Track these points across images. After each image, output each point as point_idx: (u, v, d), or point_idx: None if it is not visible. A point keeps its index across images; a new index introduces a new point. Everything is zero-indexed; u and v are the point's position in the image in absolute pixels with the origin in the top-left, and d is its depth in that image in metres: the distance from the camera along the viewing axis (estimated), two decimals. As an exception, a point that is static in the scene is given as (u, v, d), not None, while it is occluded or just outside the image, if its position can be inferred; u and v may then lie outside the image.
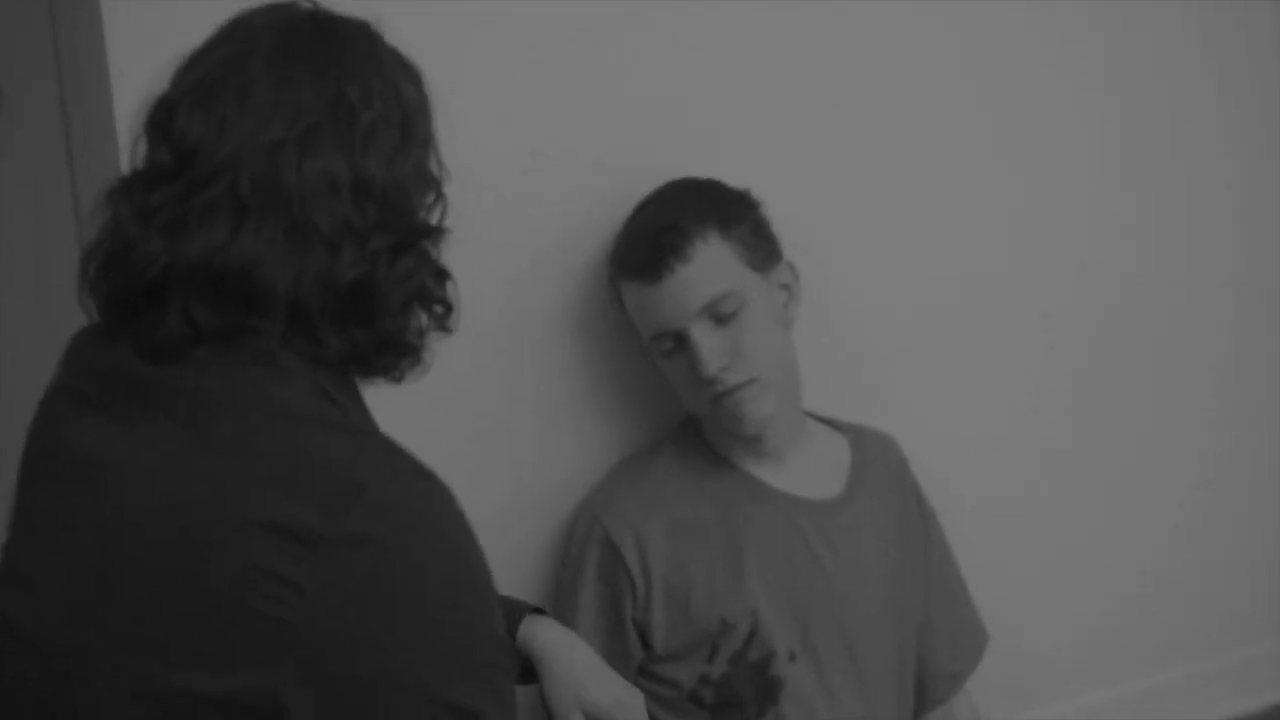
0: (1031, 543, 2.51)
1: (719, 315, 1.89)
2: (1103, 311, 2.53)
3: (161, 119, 1.26)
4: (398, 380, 1.33)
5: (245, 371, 1.21)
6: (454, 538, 1.19)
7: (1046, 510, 2.52)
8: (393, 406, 1.36)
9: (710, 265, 1.90)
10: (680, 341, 1.91)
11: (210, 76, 1.25)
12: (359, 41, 1.31)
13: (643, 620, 1.95)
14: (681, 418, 2.07)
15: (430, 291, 1.30)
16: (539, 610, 1.65)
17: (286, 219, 1.21)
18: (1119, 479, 2.59)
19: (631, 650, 1.96)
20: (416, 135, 1.31)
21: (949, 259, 2.36)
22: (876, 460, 2.11)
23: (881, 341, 2.33)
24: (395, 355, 1.29)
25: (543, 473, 2.08)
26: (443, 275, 1.32)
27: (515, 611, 1.61)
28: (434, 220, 1.32)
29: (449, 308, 1.32)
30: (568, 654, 1.59)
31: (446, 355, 1.36)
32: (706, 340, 1.89)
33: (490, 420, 2.02)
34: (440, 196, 1.33)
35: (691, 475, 2.01)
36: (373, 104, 1.26)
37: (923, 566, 2.12)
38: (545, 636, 1.60)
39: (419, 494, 1.18)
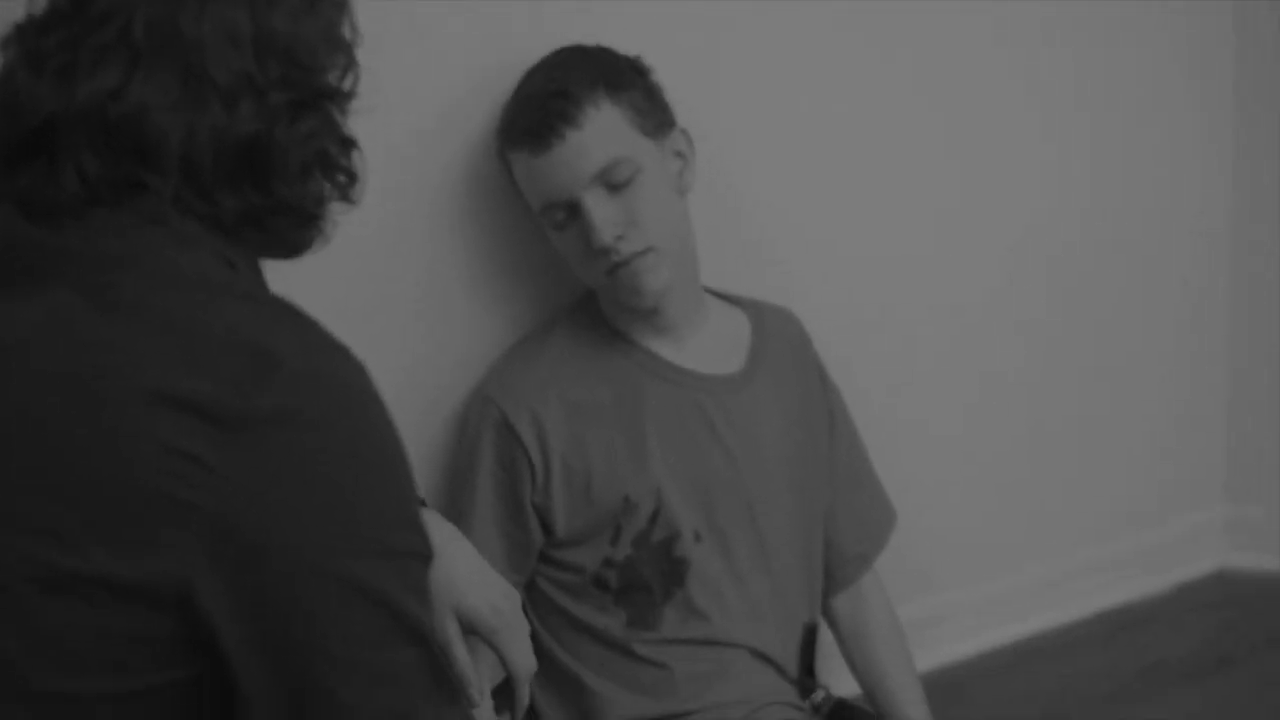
0: (939, 419, 2.50)
1: (612, 183, 1.83)
2: (1035, 201, 2.51)
3: None
4: (295, 252, 1.27)
5: (143, 234, 1.14)
6: (372, 416, 1.13)
7: (956, 385, 2.50)
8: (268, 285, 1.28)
9: (601, 131, 1.83)
10: (572, 212, 1.85)
11: None
12: None
13: (543, 503, 1.90)
14: (576, 294, 2.02)
15: (332, 158, 1.23)
16: (420, 502, 1.58)
17: (181, 68, 1.15)
18: (1035, 347, 2.58)
19: (532, 535, 1.92)
20: None
21: (853, 128, 2.32)
22: (776, 335, 2.06)
23: (781, 214, 2.28)
24: (292, 222, 1.23)
25: (434, 356, 2.02)
26: (348, 143, 1.25)
27: None
28: (345, 86, 1.25)
29: (353, 177, 1.25)
30: (446, 553, 1.47)
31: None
32: (600, 209, 1.83)
33: (377, 301, 1.95)
34: (352, 62, 1.26)
35: (588, 353, 1.96)
36: None
37: (827, 445, 2.08)
38: None
39: (337, 368, 1.12)
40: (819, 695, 2.01)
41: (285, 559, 1.08)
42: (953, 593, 2.59)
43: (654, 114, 1.90)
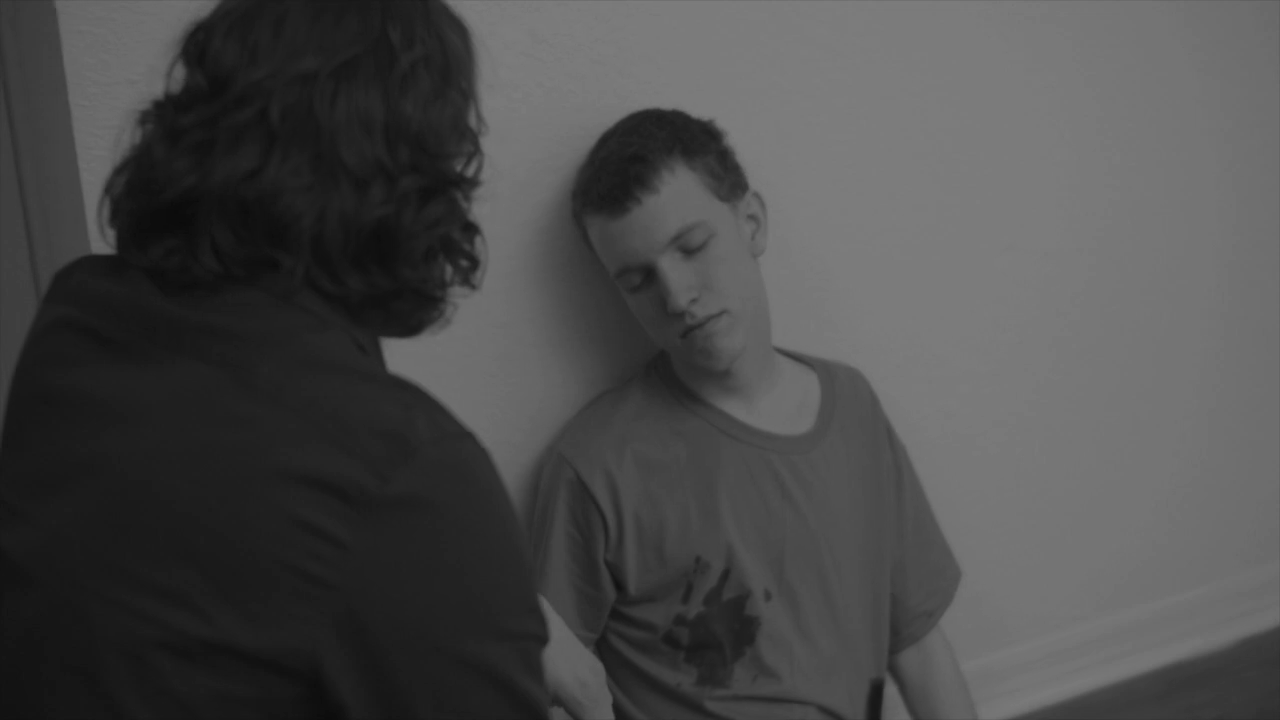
0: (1004, 477, 2.51)
1: (687, 247, 1.86)
2: (1082, 244, 2.52)
3: (197, 43, 1.24)
4: (415, 332, 1.30)
5: (280, 315, 1.18)
6: (497, 503, 1.17)
7: (1020, 444, 2.52)
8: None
9: (677, 196, 1.87)
10: (648, 275, 1.88)
11: (247, 4, 1.23)
12: None
13: (615, 561, 1.93)
14: (650, 355, 2.05)
15: (456, 243, 1.26)
16: None
17: (314, 151, 1.18)
18: (1098, 412, 2.59)
19: (605, 593, 1.94)
20: (457, 84, 1.27)
21: (916, 191, 2.34)
22: (846, 395, 2.09)
23: (849, 275, 2.31)
24: (415, 304, 1.26)
25: (509, 415, 2.05)
26: (471, 229, 1.28)
27: None
28: (468, 172, 1.29)
29: (475, 262, 1.29)
30: None
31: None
32: (675, 273, 1.86)
33: (454, 361, 1.98)
34: (476, 151, 1.30)
35: (661, 412, 1.98)
36: (414, 46, 1.23)
37: (895, 503, 2.10)
38: None
39: (466, 456, 1.15)
40: None
41: (412, 638, 1.12)
42: (1013, 648, 2.59)
43: (727, 177, 1.93)
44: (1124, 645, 2.68)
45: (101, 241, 1.26)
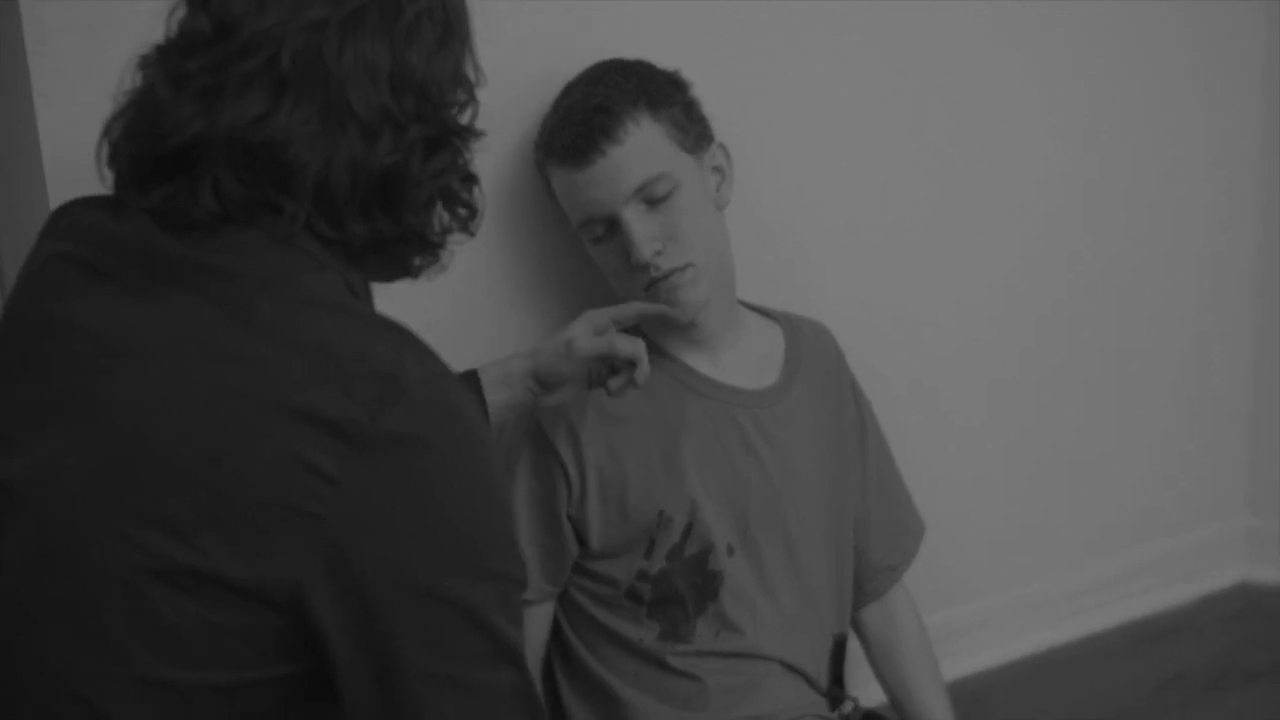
0: (968, 434, 2.51)
1: (651, 198, 1.85)
2: (1064, 210, 2.52)
3: None
4: (414, 275, 1.35)
5: (278, 256, 1.20)
6: (482, 444, 1.21)
7: (985, 403, 2.52)
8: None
9: (642, 147, 1.85)
10: (612, 227, 1.87)
11: None
12: None
13: (578, 516, 1.92)
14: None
15: (456, 192, 1.31)
16: None
17: (324, 99, 1.21)
18: (1055, 358, 2.60)
19: (567, 547, 1.93)
20: (457, 34, 1.31)
21: (892, 149, 2.33)
22: (811, 349, 2.07)
23: (817, 230, 2.30)
24: (415, 249, 1.30)
25: (469, 366, 2.01)
26: (471, 179, 1.33)
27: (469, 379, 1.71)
28: (466, 122, 1.33)
29: (474, 211, 1.34)
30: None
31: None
32: (639, 224, 1.84)
33: (410, 311, 1.93)
34: (472, 99, 1.34)
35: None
36: None
37: (859, 458, 2.09)
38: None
39: (454, 397, 1.19)
40: (848, 706, 2.02)
41: (395, 573, 1.15)
42: (976, 603, 2.60)
43: (693, 129, 1.91)
44: (1087, 601, 2.69)
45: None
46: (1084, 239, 2.58)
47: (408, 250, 1.30)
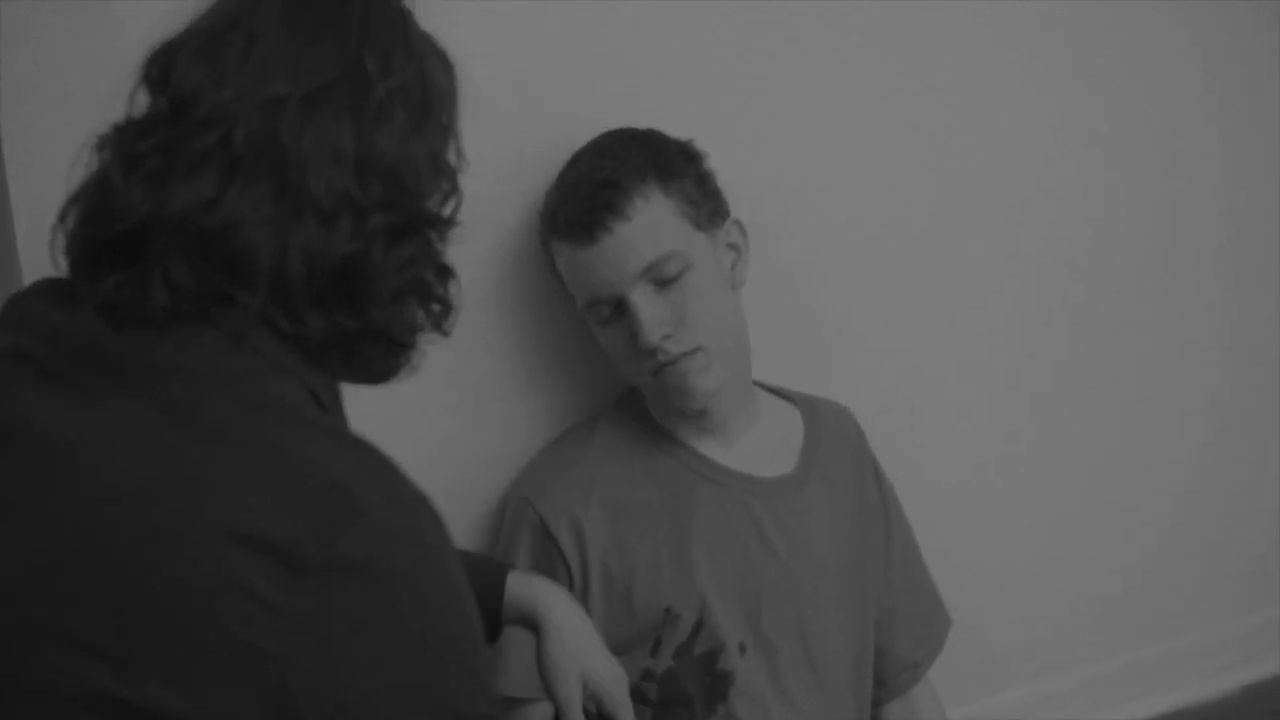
0: (996, 520, 2.43)
1: (661, 279, 1.77)
2: (1076, 277, 2.43)
3: (161, 65, 1.19)
4: (380, 380, 1.26)
5: (232, 356, 1.13)
6: (449, 573, 1.12)
7: (1013, 487, 2.44)
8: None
9: (651, 224, 1.77)
10: (618, 308, 1.79)
11: (218, 25, 1.19)
12: (387, 12, 1.24)
13: (580, 612, 1.83)
14: (621, 390, 1.95)
15: (428, 286, 1.23)
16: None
17: (279, 181, 1.14)
18: (1094, 453, 2.51)
19: (567, 644, 1.85)
20: (436, 119, 1.24)
21: (906, 222, 2.25)
22: (831, 434, 1.99)
23: (834, 306, 2.22)
24: (380, 349, 1.22)
25: (470, 451, 1.96)
26: (445, 271, 1.25)
27: (491, 567, 1.61)
28: (445, 211, 1.25)
29: (448, 307, 1.25)
30: (574, 620, 1.60)
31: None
32: (647, 307, 1.76)
33: (411, 395, 1.86)
34: (455, 189, 1.26)
35: (632, 452, 1.89)
36: (391, 75, 1.19)
37: (883, 549, 2.01)
38: (548, 598, 1.60)
39: (416, 523, 1.11)
40: None
41: (345, 714, 1.07)
42: (1004, 695, 2.51)
43: (706, 204, 1.83)
44: (1121, 690, 2.60)
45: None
46: (1112, 298, 2.50)
47: (372, 349, 1.21)
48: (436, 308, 1.25)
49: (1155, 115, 2.46)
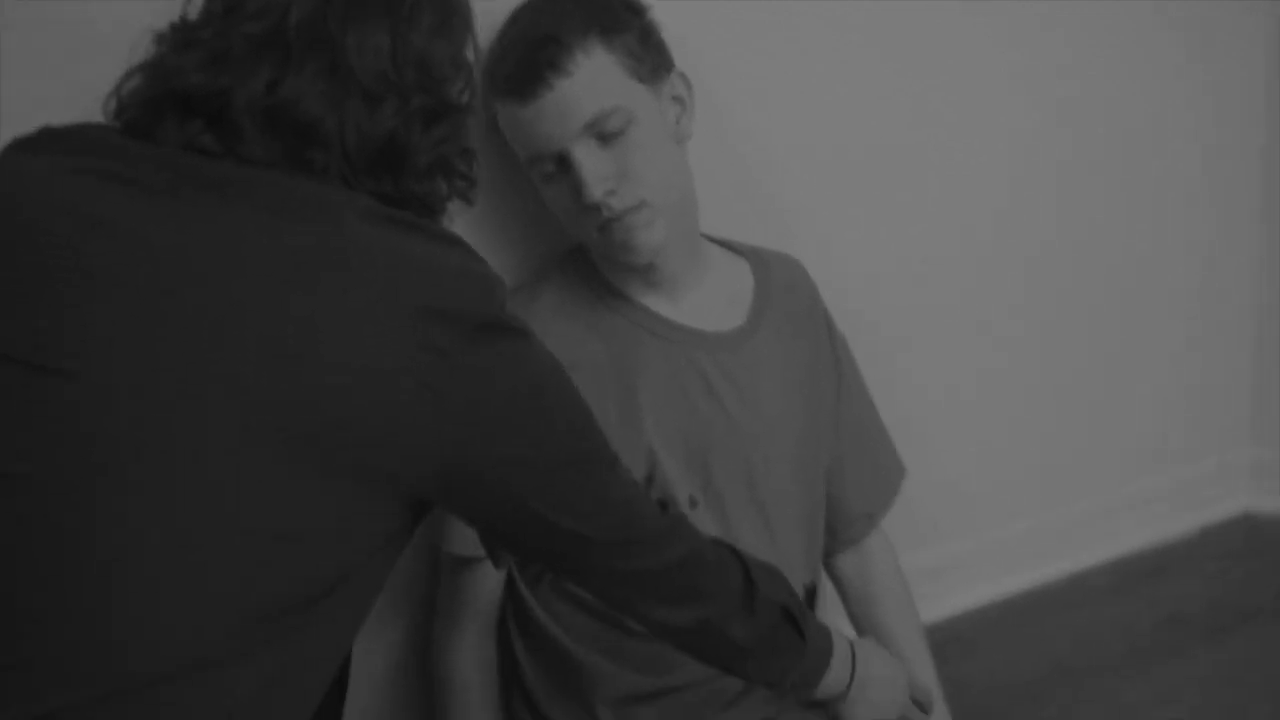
0: (948, 363, 2.44)
1: (603, 134, 1.75)
2: (1045, 126, 2.43)
3: None
4: None
5: (334, 189, 1.28)
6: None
7: (967, 327, 2.45)
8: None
9: (593, 79, 1.75)
10: (561, 164, 1.78)
11: None
12: None
13: (529, 469, 1.84)
14: (567, 246, 1.95)
15: (455, 164, 1.40)
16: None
17: (329, 65, 1.29)
18: (1048, 285, 2.52)
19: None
20: (457, 20, 1.42)
21: (870, 65, 2.23)
22: (781, 286, 2.00)
23: (785, 156, 2.20)
24: (415, 210, 1.36)
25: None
26: (469, 153, 1.42)
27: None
28: (464, 101, 1.42)
29: (472, 182, 1.43)
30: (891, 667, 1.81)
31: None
32: (590, 162, 1.75)
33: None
34: (471, 80, 1.43)
35: (579, 309, 1.89)
36: None
37: (833, 402, 2.02)
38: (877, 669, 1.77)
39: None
40: None
41: (512, 452, 1.30)
42: (961, 541, 2.54)
43: (650, 58, 1.81)
44: (1079, 535, 2.63)
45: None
46: (1078, 165, 2.49)
47: (405, 207, 1.34)
48: (461, 183, 1.41)
49: (1135, 15, 2.44)
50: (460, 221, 1.91)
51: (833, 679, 1.69)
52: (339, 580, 1.25)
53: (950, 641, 2.37)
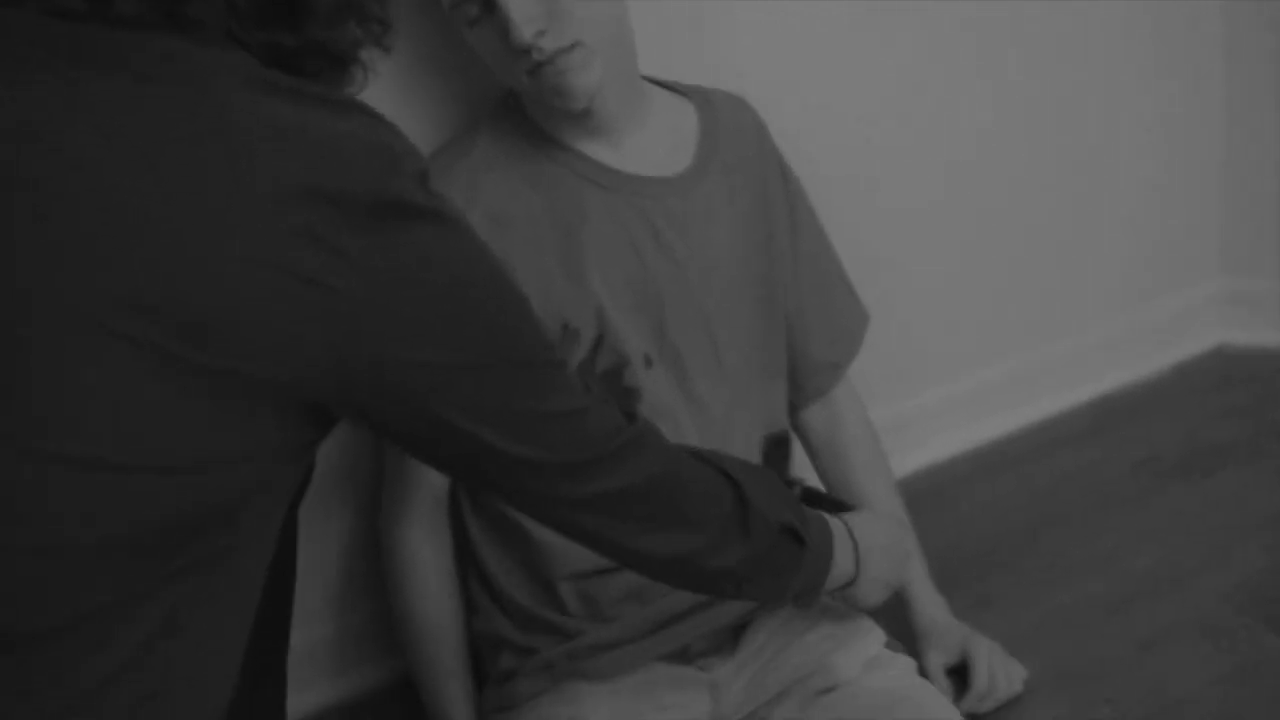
0: (909, 205, 2.35)
1: (529, -30, 1.64)
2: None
3: None
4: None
5: (216, 51, 1.12)
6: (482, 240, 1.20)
7: (927, 167, 2.36)
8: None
9: (516, -93, 1.64)
10: (486, 5, 1.67)
11: None
12: None
13: (470, 335, 1.74)
14: (499, 93, 1.84)
15: (365, 6, 1.24)
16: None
17: None
18: (1009, 117, 2.43)
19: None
20: None
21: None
22: (728, 127, 1.89)
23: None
24: (324, 64, 1.22)
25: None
26: None
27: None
28: None
29: (386, 25, 1.26)
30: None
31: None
32: (517, 1, 1.64)
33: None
34: None
35: (514, 160, 1.79)
36: None
37: (790, 245, 1.93)
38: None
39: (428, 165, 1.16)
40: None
41: (415, 354, 1.14)
42: (931, 390, 2.47)
43: (577, -118, 1.69)
44: (1054, 378, 2.56)
45: None
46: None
47: (317, 64, 1.21)
48: (376, 27, 1.25)
49: None
50: (387, 82, 1.83)
51: (838, 574, 1.59)
52: (238, 505, 1.12)
53: (924, 494, 2.30)
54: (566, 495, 1.29)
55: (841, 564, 1.59)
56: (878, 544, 1.66)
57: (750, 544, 1.43)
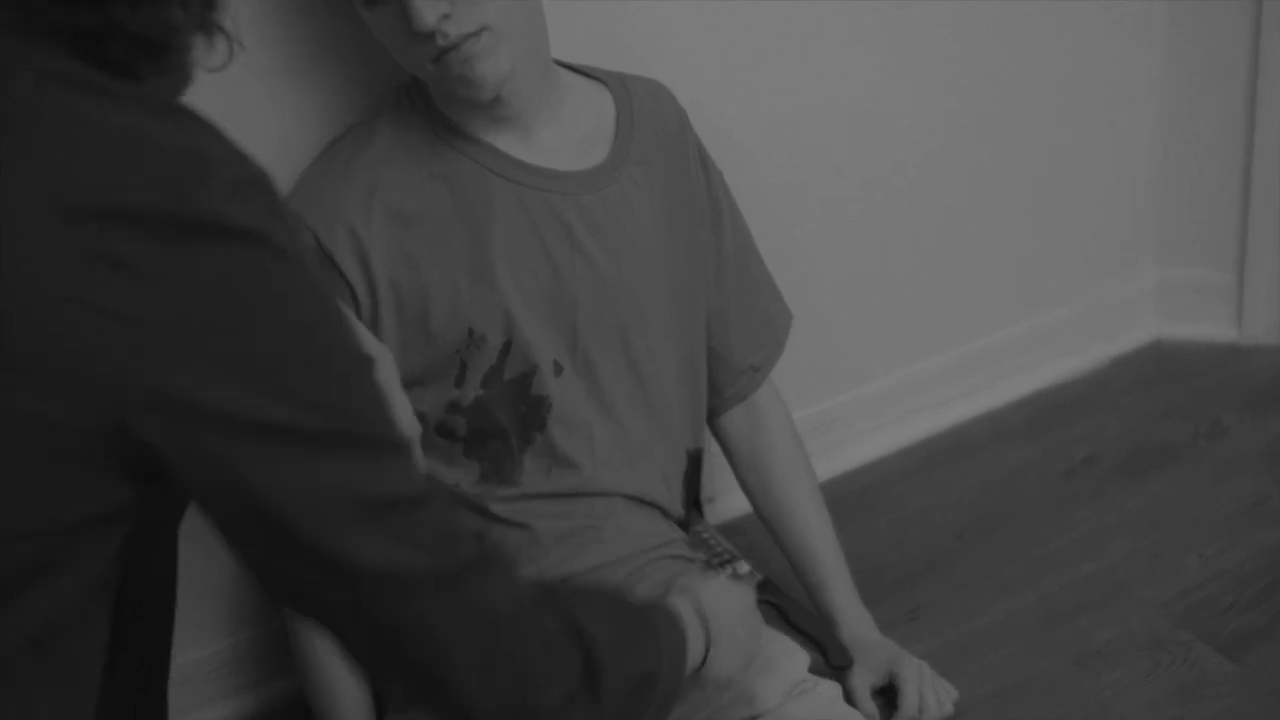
0: (835, 197, 2.29)
1: (433, -53, 1.56)
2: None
3: None
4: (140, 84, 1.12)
5: (9, 44, 1.02)
6: (308, 262, 1.05)
7: (858, 157, 2.30)
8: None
9: (416, -118, 1.56)
10: (386, -13, 1.58)
11: None
12: None
13: (371, 341, 1.66)
14: (402, 80, 1.75)
15: None
16: None
17: None
18: (941, 105, 2.36)
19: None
20: None
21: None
22: (647, 115, 1.82)
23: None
24: (137, 51, 1.08)
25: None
26: None
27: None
28: None
29: (210, 4, 1.12)
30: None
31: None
32: (419, -18, 1.56)
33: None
34: None
35: (418, 153, 1.70)
36: None
37: (712, 242, 1.87)
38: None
39: (268, 184, 1.03)
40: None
41: (226, 380, 0.99)
42: (859, 388, 2.42)
43: None
44: (981, 377, 2.51)
45: None
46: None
47: (127, 51, 1.07)
48: (197, 7, 1.11)
49: None
50: (268, 62, 1.76)
51: (691, 664, 1.44)
52: (33, 581, 1.00)
53: (851, 497, 2.26)
54: (369, 614, 1.08)
55: (694, 655, 1.45)
56: (731, 618, 1.53)
57: (599, 708, 1.23)
